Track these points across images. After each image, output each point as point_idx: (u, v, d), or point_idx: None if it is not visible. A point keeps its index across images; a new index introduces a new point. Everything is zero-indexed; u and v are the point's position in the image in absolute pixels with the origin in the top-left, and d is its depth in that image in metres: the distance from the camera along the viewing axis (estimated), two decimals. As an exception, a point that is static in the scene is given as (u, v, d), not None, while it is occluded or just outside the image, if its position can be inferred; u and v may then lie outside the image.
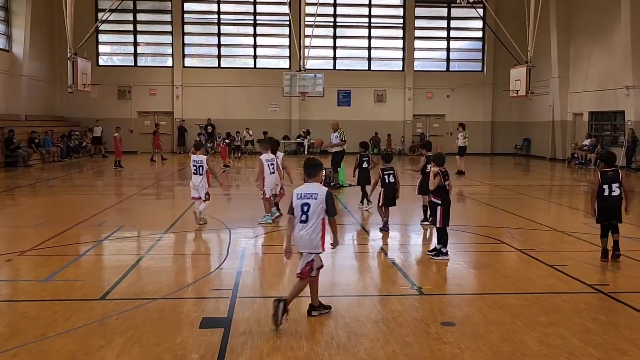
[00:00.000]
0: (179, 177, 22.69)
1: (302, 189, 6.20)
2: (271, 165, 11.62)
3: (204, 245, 10.23)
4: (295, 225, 6.16)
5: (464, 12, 35.52)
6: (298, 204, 6.13)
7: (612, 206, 8.62)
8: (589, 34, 29.26)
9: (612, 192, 8.61)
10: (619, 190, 8.62)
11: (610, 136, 28.55)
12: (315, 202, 6.07)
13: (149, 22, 36.29)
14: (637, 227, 12.41)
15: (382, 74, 36.53)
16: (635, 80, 25.15)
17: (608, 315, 6.34)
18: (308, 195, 6.11)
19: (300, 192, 6.18)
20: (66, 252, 9.30)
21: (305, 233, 6.11)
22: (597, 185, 8.70)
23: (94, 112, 33.25)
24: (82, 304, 6.60)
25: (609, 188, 8.61)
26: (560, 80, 31.05)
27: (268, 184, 11.61)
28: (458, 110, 36.45)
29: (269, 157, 11.73)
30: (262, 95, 35.04)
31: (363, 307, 6.64)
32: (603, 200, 8.65)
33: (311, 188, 6.17)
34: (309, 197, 6.10)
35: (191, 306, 6.58)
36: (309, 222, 6.09)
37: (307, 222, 6.09)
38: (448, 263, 8.73)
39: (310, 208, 6.07)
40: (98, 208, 13.70)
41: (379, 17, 36.75)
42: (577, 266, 8.49)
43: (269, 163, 11.60)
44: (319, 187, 6.20)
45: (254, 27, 36.19)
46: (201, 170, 11.49)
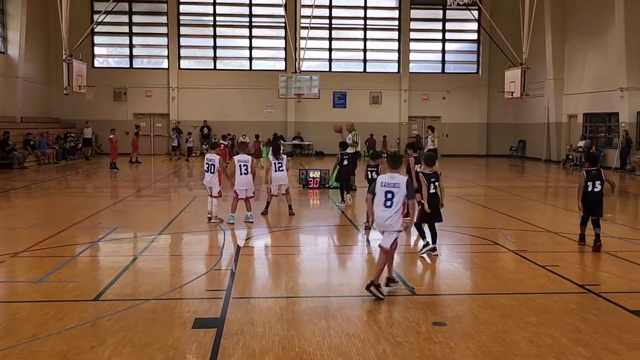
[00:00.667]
0: (174, 179, 22.70)
1: (386, 178, 7.13)
2: (244, 167, 11.75)
3: (197, 247, 10.24)
4: (376, 208, 7.08)
5: (459, 14, 35.60)
6: (382, 191, 7.06)
7: (594, 201, 9.65)
8: (583, 36, 29.38)
9: (594, 188, 9.66)
10: (600, 187, 9.65)
11: (604, 138, 28.65)
12: (398, 190, 6.99)
13: (144, 24, 36.28)
14: (631, 228, 12.50)
15: (377, 75, 36.60)
16: (629, 82, 25.26)
17: (598, 316, 6.38)
18: (392, 185, 7.04)
19: (384, 180, 7.11)
20: (60, 253, 9.31)
21: (389, 216, 6.99)
22: (584, 182, 9.71)
23: (90, 114, 33.21)
24: (74, 304, 6.62)
25: (593, 185, 9.66)
26: (555, 82, 31.16)
27: (238, 184, 11.76)
28: (453, 112, 36.56)
29: (242, 159, 11.88)
30: (258, 97, 35.06)
31: (355, 308, 6.67)
32: (588, 196, 9.67)
33: (395, 178, 7.08)
34: (392, 186, 7.03)
35: (184, 307, 6.60)
36: (393, 207, 6.99)
37: (391, 207, 7.00)
38: (440, 262, 8.77)
39: (395, 196, 6.99)
40: (93, 209, 13.71)
41: (375, 19, 36.81)
42: (569, 267, 8.55)
43: (241, 164, 11.78)
44: (401, 177, 7.11)
45: (250, 29, 36.23)
46: (212, 168, 11.98)
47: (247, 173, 11.74)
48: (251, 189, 11.95)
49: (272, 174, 12.65)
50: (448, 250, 10.28)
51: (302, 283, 7.85)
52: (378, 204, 7.08)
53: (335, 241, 10.93)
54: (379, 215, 7.07)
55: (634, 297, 7.05)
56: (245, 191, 11.84)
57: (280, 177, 12.68)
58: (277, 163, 12.61)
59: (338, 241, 10.90)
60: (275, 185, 12.70)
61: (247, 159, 11.85)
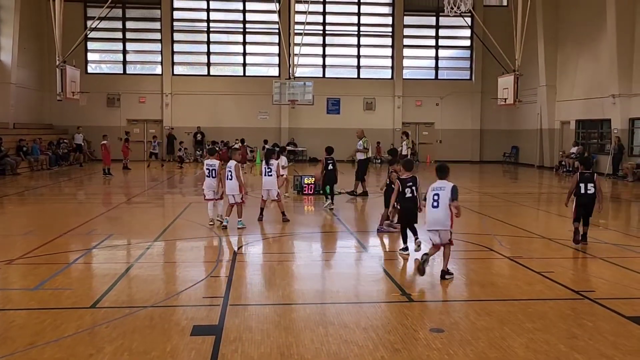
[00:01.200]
0: (168, 185, 22.66)
1: (436, 184, 8.26)
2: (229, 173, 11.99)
3: (193, 253, 10.23)
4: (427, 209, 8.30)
5: (453, 21, 35.77)
6: (431, 195, 8.20)
7: (587, 203, 10.34)
8: (575, 43, 29.61)
9: (587, 190, 10.30)
10: (593, 189, 10.27)
11: (597, 144, 28.83)
12: (443, 192, 8.08)
13: (138, 30, 36.32)
14: (623, 234, 12.56)
15: (371, 82, 36.73)
16: (621, 89, 25.46)
17: (594, 322, 6.41)
18: (438, 188, 8.17)
19: (434, 186, 8.26)
20: (55, 260, 9.28)
21: (437, 214, 8.08)
22: (575, 183, 10.45)
23: (83, 120, 33.20)
24: (71, 312, 6.59)
25: (585, 187, 10.30)
26: (548, 88, 31.37)
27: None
28: (447, 118, 36.74)
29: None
30: (252, 103, 35.13)
31: (352, 314, 6.67)
32: (580, 197, 10.38)
33: (441, 183, 8.21)
34: (439, 190, 8.15)
35: (182, 314, 6.59)
36: (439, 207, 8.07)
37: (438, 207, 8.08)
38: (435, 269, 8.78)
39: (440, 197, 8.07)
40: (87, 216, 13.67)
41: (368, 26, 37.01)
42: (564, 273, 8.60)
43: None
44: (447, 183, 8.20)
45: (244, 35, 36.31)
46: (214, 173, 12.39)
47: (231, 179, 11.93)
48: (238, 194, 12.01)
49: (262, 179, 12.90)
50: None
51: (298, 290, 7.86)
52: (428, 206, 8.26)
53: (330, 248, 10.93)
54: (429, 216, 8.24)
55: (628, 303, 7.09)
56: (232, 197, 12.00)
57: (267, 182, 12.78)
58: (267, 168, 12.78)
59: (333, 248, 10.90)
60: (264, 190, 12.83)
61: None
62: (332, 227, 13.14)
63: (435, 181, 8.30)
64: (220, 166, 12.56)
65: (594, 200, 10.34)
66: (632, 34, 25.28)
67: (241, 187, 12.06)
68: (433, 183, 8.29)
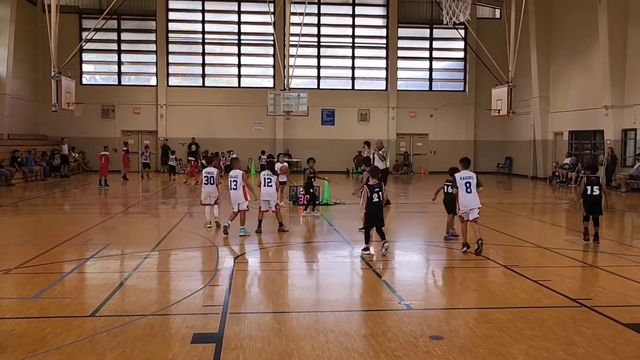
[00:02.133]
0: (164, 196, 22.64)
1: (463, 174, 10.78)
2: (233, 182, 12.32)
3: (191, 263, 10.23)
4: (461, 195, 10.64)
5: (446, 33, 36.08)
6: (462, 183, 10.63)
7: (593, 203, 11.57)
8: (567, 55, 29.88)
9: (593, 192, 11.55)
10: (599, 191, 11.57)
11: (590, 155, 29.02)
12: (472, 180, 10.62)
13: (133, 42, 36.41)
14: (618, 243, 12.66)
15: (365, 93, 36.90)
16: (613, 100, 25.69)
17: (592, 329, 6.46)
18: (468, 177, 10.67)
19: (462, 175, 10.77)
20: (53, 270, 9.28)
21: (472, 197, 10.60)
22: (583, 186, 11.66)
23: (77, 130, 33.22)
24: (71, 320, 6.59)
25: (591, 189, 11.56)
26: (541, 100, 31.59)
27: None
28: (441, 129, 36.93)
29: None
30: (247, 114, 35.22)
31: (352, 322, 6.70)
32: (587, 198, 11.60)
33: (468, 173, 10.78)
34: (469, 178, 10.65)
35: (181, 322, 6.59)
36: (472, 192, 10.59)
37: (471, 192, 10.60)
38: (434, 277, 8.85)
39: (471, 184, 10.59)
40: (83, 226, 13.66)
41: (363, 38, 37.21)
42: (561, 281, 8.65)
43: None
44: (471, 173, 10.81)
45: (239, 47, 36.42)
46: (212, 180, 13.14)
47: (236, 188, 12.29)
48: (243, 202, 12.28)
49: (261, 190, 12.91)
50: (441, 265, 10.42)
51: (297, 298, 7.88)
52: (461, 191, 10.60)
53: (328, 257, 10.95)
54: (464, 199, 10.62)
55: (626, 310, 7.15)
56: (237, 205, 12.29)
57: (266, 193, 12.81)
58: (267, 179, 12.81)
59: (331, 257, 10.93)
60: (263, 201, 12.84)
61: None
62: (329, 236, 13.17)
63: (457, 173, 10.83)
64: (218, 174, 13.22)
65: (600, 201, 11.62)
66: (624, 46, 25.56)
67: (246, 195, 12.30)
68: (459, 173, 10.79)
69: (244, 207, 12.27)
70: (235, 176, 12.26)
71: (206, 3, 36.23)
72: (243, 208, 12.26)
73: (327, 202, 18.38)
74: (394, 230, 14.78)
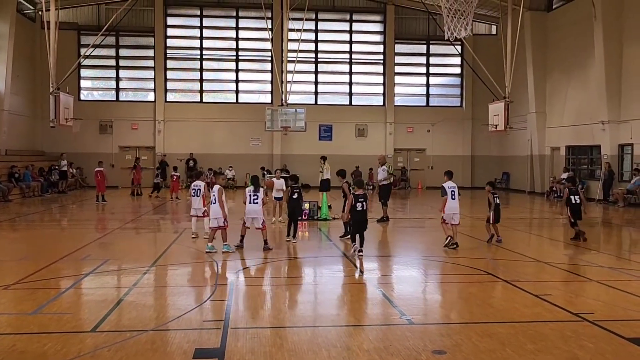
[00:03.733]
0: (161, 211, 22.60)
1: (449, 184, 13.09)
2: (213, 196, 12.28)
3: (191, 278, 10.20)
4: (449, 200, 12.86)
5: (443, 49, 36.37)
6: (450, 191, 12.94)
7: (577, 209, 14.16)
8: (563, 71, 30.09)
9: (576, 200, 14.13)
10: (579, 200, 14.20)
11: (587, 170, 29.11)
12: (456, 189, 13.07)
13: (131, 58, 36.53)
14: (617, 257, 12.67)
15: (363, 108, 37.03)
16: (610, 116, 25.83)
17: (595, 343, 6.45)
18: (453, 186, 13.04)
19: (448, 185, 13.07)
20: (52, 285, 9.24)
21: (456, 203, 12.97)
22: (568, 195, 14.31)
23: (74, 146, 33.23)
24: (72, 336, 6.56)
25: (574, 198, 14.19)
26: (538, 115, 31.74)
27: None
28: (438, 144, 37.04)
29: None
30: (244, 129, 35.29)
31: (354, 337, 6.68)
32: (573, 206, 14.13)
33: (452, 183, 13.15)
34: (454, 187, 13.05)
35: (183, 337, 6.56)
36: (456, 198, 12.97)
37: (455, 199, 12.95)
38: (435, 292, 8.82)
39: (455, 192, 13.01)
40: (81, 242, 13.62)
41: (360, 53, 37.42)
42: (562, 295, 8.65)
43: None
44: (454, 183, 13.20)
45: (236, 63, 36.58)
46: (199, 193, 14.06)
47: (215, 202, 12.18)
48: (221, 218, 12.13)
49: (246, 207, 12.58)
50: (441, 279, 10.43)
51: (298, 313, 7.86)
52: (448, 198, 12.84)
53: (328, 272, 10.93)
54: (452, 205, 12.88)
55: (627, 324, 7.15)
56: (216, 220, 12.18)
57: (253, 210, 12.47)
58: (253, 195, 12.47)
59: (331, 272, 10.91)
60: (247, 217, 12.58)
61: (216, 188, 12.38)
62: (329, 251, 13.15)
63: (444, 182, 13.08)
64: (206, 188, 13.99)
65: (581, 207, 14.23)
66: (620, 61, 25.75)
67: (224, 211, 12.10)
68: (446, 182, 13.09)
69: (222, 222, 12.08)
70: (213, 191, 12.23)
71: (204, 19, 36.46)
72: (221, 224, 12.09)
73: (326, 217, 18.38)
74: (393, 245, 14.81)
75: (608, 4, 25.66)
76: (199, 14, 36.42)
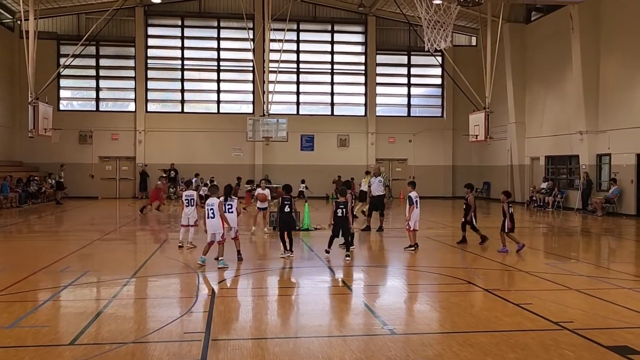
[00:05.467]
0: (142, 222, 22.40)
1: (414, 193, 13.96)
2: (210, 210, 11.80)
3: (172, 289, 10.11)
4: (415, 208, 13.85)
5: (424, 59, 36.72)
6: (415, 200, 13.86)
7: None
8: (542, 82, 30.48)
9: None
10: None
11: (566, 179, 29.43)
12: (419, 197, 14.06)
13: (111, 68, 36.30)
14: (595, 266, 12.79)
15: (345, 119, 37.15)
16: (588, 126, 26.18)
17: (575, 351, 6.49)
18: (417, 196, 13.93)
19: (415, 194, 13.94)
20: (30, 298, 9.10)
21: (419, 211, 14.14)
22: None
23: (54, 157, 32.87)
24: (50, 349, 6.45)
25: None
26: (517, 125, 32.09)
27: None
28: (420, 154, 37.26)
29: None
30: (226, 140, 35.22)
31: (336, 348, 6.65)
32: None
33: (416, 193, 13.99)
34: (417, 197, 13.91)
35: (163, 350, 6.48)
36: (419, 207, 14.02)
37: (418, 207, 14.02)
38: (416, 302, 8.83)
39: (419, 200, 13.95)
40: (60, 254, 13.44)
41: (341, 64, 37.58)
42: (542, 304, 8.69)
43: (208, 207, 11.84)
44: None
45: (218, 73, 36.53)
46: (192, 202, 14.29)
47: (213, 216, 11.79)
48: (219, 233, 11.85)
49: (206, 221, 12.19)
50: (423, 289, 10.43)
51: (280, 324, 7.81)
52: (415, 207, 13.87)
53: (310, 282, 10.89)
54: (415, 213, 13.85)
55: (607, 332, 7.21)
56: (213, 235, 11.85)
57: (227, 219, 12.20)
58: (227, 205, 12.22)
59: (312, 282, 10.87)
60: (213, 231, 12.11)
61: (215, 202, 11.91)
62: (311, 262, 13.11)
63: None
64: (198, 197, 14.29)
65: None
66: (597, 73, 26.15)
67: (224, 225, 11.86)
68: (411, 192, 14.00)
69: (219, 237, 11.83)
70: (211, 204, 11.82)
71: (185, 30, 36.38)
72: (218, 239, 11.84)
73: (308, 227, 18.34)
74: (375, 255, 14.82)
75: (585, 16, 26.08)
76: (180, 24, 36.35)
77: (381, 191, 18.61)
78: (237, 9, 33.39)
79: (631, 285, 10.17)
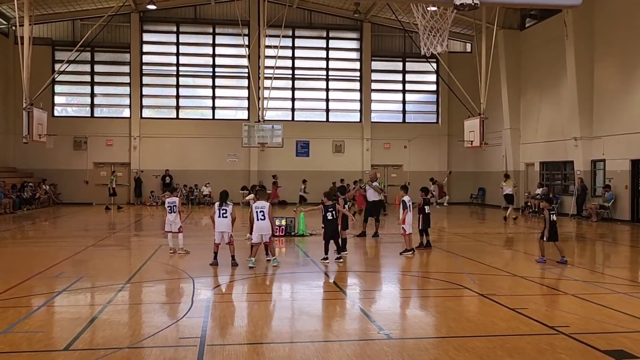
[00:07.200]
0: (136, 228, 22.35)
1: (407, 197, 14.23)
2: (260, 213, 12.23)
3: (167, 295, 10.07)
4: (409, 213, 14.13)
5: (419, 66, 36.84)
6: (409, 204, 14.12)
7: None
8: (537, 88, 30.62)
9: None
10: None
11: (561, 185, 29.51)
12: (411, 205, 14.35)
13: (106, 74, 36.23)
14: (590, 271, 12.82)
15: (340, 125, 37.18)
16: (582, 132, 26.27)
17: (571, 356, 6.49)
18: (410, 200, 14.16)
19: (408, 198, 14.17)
20: (24, 303, 9.05)
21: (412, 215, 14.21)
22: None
23: (48, 162, 32.81)
24: (44, 355, 6.41)
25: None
26: (512, 131, 32.19)
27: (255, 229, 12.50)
28: (415, 160, 37.31)
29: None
30: (221, 146, 35.18)
31: (332, 352, 6.63)
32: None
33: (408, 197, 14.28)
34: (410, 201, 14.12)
35: (158, 355, 6.45)
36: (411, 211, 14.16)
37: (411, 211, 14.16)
38: (412, 306, 8.82)
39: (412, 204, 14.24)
40: (55, 259, 13.38)
41: (337, 70, 37.63)
42: (538, 309, 8.70)
43: (258, 210, 12.28)
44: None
45: (213, 79, 36.53)
46: (175, 209, 14.27)
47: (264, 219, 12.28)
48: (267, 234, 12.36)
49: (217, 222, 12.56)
50: (419, 294, 10.42)
51: (276, 329, 7.79)
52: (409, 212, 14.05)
53: (305, 287, 10.87)
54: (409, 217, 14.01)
55: (603, 337, 7.21)
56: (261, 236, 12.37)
57: (222, 224, 12.46)
58: (222, 210, 12.47)
59: (308, 287, 10.85)
60: (217, 233, 12.51)
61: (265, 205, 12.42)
62: (306, 267, 13.09)
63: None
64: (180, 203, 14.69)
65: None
66: (592, 79, 26.27)
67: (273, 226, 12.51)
68: (405, 197, 14.29)
69: (267, 239, 12.35)
70: (262, 207, 12.25)
71: (181, 36, 36.38)
72: (266, 240, 12.36)
73: (303, 233, 18.33)
74: (371, 260, 14.80)
75: (579, 23, 26.22)
76: (176, 30, 36.35)
77: (377, 197, 18.62)
78: (232, 16, 33.46)
79: (626, 290, 10.19)
